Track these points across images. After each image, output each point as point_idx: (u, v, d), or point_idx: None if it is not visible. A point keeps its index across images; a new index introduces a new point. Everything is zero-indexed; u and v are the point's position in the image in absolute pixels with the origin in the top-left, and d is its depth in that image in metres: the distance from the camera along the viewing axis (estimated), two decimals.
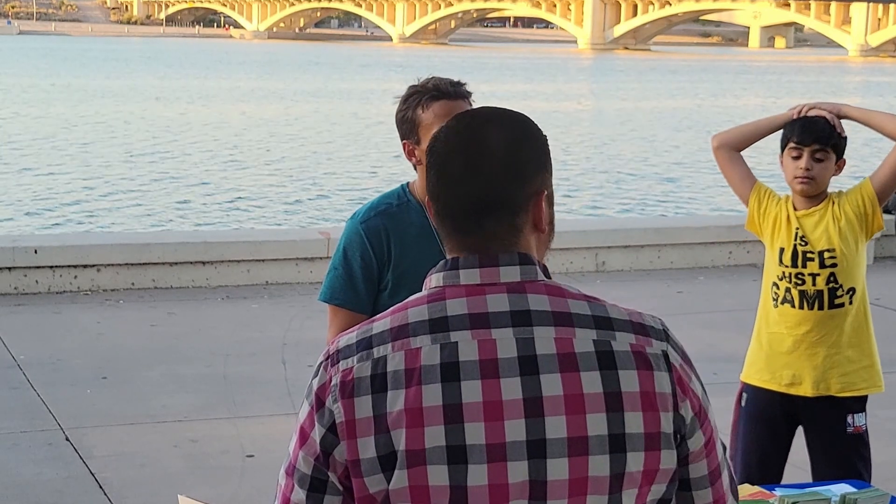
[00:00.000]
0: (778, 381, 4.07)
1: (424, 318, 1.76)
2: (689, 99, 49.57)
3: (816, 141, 3.97)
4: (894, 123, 4.08)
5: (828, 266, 4.01)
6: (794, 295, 4.04)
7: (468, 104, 3.27)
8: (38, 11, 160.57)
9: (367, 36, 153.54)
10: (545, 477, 1.71)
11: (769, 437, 4.13)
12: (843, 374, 4.02)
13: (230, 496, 5.28)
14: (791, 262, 4.05)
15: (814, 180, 3.99)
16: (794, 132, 4.01)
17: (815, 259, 4.02)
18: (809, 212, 4.05)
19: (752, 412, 4.15)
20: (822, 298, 4.02)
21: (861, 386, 4.07)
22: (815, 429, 4.11)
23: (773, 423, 4.13)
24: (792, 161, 4.01)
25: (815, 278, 4.02)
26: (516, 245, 1.79)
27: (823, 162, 3.99)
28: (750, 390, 4.15)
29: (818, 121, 4.00)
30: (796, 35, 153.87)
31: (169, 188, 20.84)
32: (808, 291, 4.03)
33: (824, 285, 4.02)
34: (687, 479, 1.82)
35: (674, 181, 23.59)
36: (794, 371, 4.02)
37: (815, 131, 3.98)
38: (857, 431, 4.07)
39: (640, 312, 1.82)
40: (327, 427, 1.74)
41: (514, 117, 1.86)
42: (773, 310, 4.11)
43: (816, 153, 3.97)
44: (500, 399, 1.71)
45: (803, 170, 3.97)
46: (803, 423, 4.13)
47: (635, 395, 1.74)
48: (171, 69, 66.17)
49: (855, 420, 4.07)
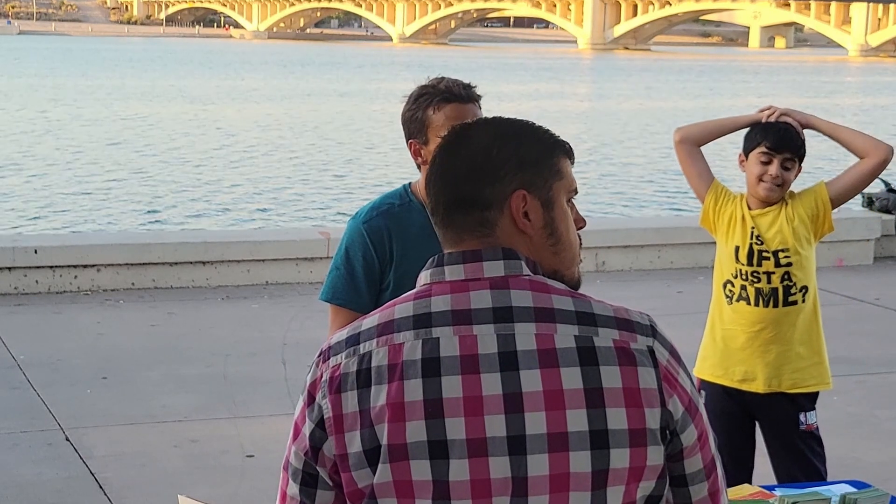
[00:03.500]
0: (730, 377, 4.15)
1: (409, 315, 1.79)
2: (689, 99, 49.57)
3: (789, 150, 4.05)
4: (860, 140, 4.16)
5: (783, 265, 4.08)
6: (749, 293, 4.11)
7: (478, 107, 3.27)
8: (38, 11, 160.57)
9: (367, 36, 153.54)
10: (526, 473, 1.72)
11: (731, 431, 4.18)
12: (794, 370, 4.09)
13: (230, 496, 5.28)
14: (747, 260, 4.11)
15: (781, 187, 4.07)
16: (768, 138, 4.06)
17: (770, 258, 4.09)
18: (764, 211, 4.12)
19: (712, 408, 4.17)
20: (776, 296, 4.09)
21: (811, 383, 4.14)
22: (769, 425, 4.19)
23: (732, 417, 4.19)
24: (760, 165, 4.07)
25: (770, 276, 4.09)
26: (492, 237, 1.83)
27: (791, 170, 4.08)
28: (706, 386, 4.20)
29: (791, 130, 4.07)
30: (796, 35, 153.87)
31: (169, 188, 20.84)
32: (763, 289, 4.09)
33: (779, 283, 4.09)
34: (683, 474, 1.83)
35: (674, 181, 23.56)
36: (747, 367, 4.10)
37: (789, 140, 4.05)
38: (809, 430, 4.15)
39: (627, 309, 1.83)
40: (316, 422, 1.79)
41: (504, 122, 1.91)
42: (726, 307, 4.17)
43: (786, 161, 4.05)
44: (481, 394, 1.73)
45: (772, 177, 4.04)
46: (758, 418, 4.21)
47: (618, 390, 1.75)
48: (169, 69, 66.16)
49: (807, 418, 4.15)
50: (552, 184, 1.86)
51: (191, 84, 52.81)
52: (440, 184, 1.87)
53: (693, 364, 4.14)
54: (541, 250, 1.85)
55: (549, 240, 1.86)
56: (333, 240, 9.05)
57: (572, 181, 1.90)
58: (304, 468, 1.81)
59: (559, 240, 1.87)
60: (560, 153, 1.89)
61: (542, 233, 1.85)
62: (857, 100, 51.00)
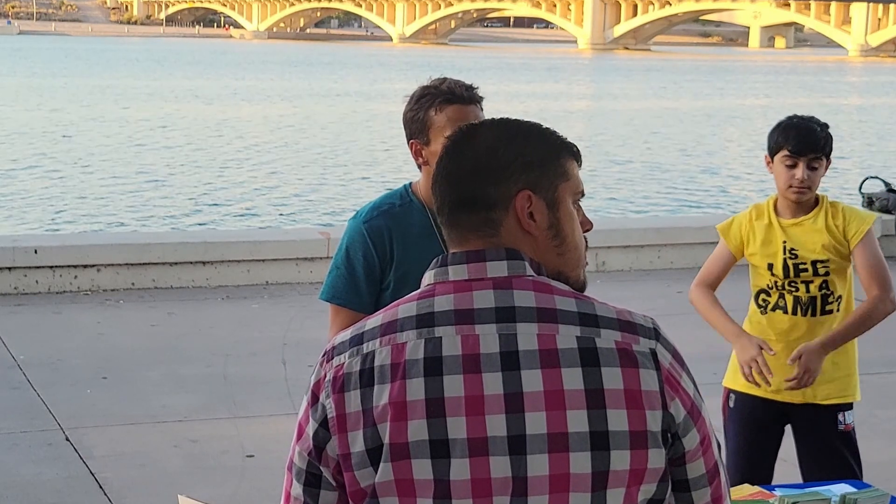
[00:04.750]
0: (764, 387, 4.03)
1: (412, 314, 1.79)
2: (689, 99, 49.56)
3: (813, 151, 3.93)
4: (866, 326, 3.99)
5: (821, 274, 3.99)
6: (787, 301, 4.03)
7: (479, 108, 3.26)
8: (38, 11, 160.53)
9: (367, 36, 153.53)
10: (526, 473, 1.72)
11: (759, 438, 4.13)
12: (828, 381, 4.00)
13: (230, 496, 5.28)
14: (783, 273, 4.02)
15: (810, 189, 3.97)
16: (790, 141, 3.93)
17: (808, 269, 3.99)
18: (797, 221, 4.01)
19: (741, 414, 4.15)
20: (815, 305, 4.01)
21: (846, 393, 4.08)
22: (805, 431, 4.11)
23: (762, 424, 4.13)
24: (786, 170, 3.95)
25: (808, 285, 4.00)
26: (497, 238, 1.83)
27: (818, 169, 3.96)
28: (737, 394, 4.14)
29: (812, 129, 3.95)
30: (796, 35, 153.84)
31: (169, 188, 20.83)
32: (801, 298, 4.02)
33: (818, 292, 4.01)
34: (685, 478, 1.83)
35: (674, 181, 23.58)
36: (783, 377, 3.95)
37: (812, 141, 3.93)
38: (847, 430, 4.09)
39: (630, 311, 1.83)
40: (319, 422, 1.79)
41: (510, 123, 1.91)
42: (761, 317, 4.10)
43: (812, 161, 3.93)
44: (482, 394, 1.73)
45: (800, 181, 3.93)
46: (793, 424, 4.14)
47: (619, 392, 1.74)
48: (168, 69, 66.14)
49: (846, 418, 4.08)
50: (558, 185, 1.86)
51: (191, 84, 52.79)
52: (445, 183, 1.87)
53: (695, 365, 4.12)
54: (545, 251, 1.86)
55: (554, 241, 1.86)
56: (333, 240, 9.04)
57: (579, 183, 1.90)
58: (307, 468, 1.81)
59: (564, 241, 1.87)
60: (567, 155, 1.89)
61: (547, 234, 1.85)
62: (858, 100, 50.99)
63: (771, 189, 4.26)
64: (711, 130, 34.98)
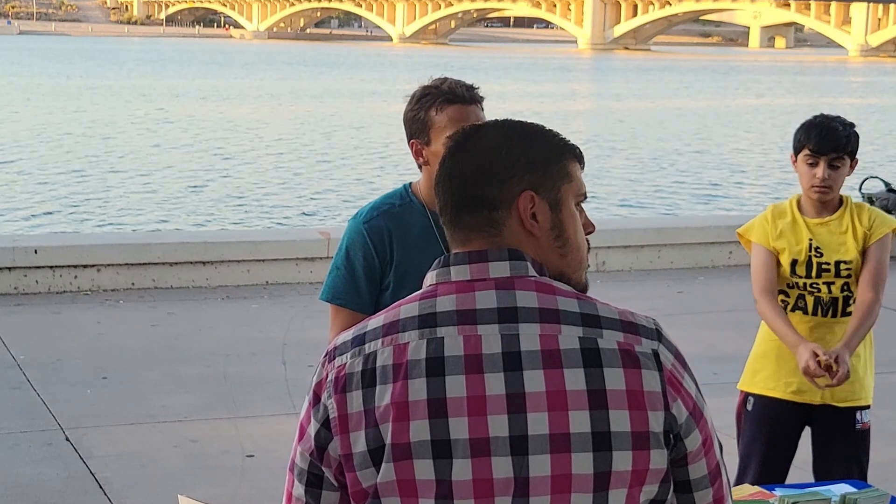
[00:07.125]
0: (784, 389, 4.04)
1: (414, 315, 1.79)
2: (689, 99, 49.56)
3: (834, 150, 3.90)
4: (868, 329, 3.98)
5: (843, 276, 3.98)
6: (807, 301, 4.01)
7: (480, 109, 3.25)
8: (38, 11, 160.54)
9: (367, 36, 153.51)
10: (527, 473, 1.72)
11: (776, 440, 4.11)
12: (847, 382, 3.96)
13: (230, 496, 5.28)
14: (805, 272, 4.00)
15: (831, 189, 3.95)
16: (811, 140, 3.91)
17: (830, 269, 3.98)
18: (824, 221, 4.00)
19: (760, 416, 4.13)
20: (836, 306, 4.00)
21: (861, 395, 4.08)
22: (824, 429, 4.10)
23: (781, 426, 4.11)
24: (808, 168, 3.93)
25: (830, 286, 3.99)
26: (499, 238, 1.83)
27: (840, 168, 3.93)
28: (756, 396, 4.13)
29: (834, 127, 3.93)
30: (796, 35, 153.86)
31: (169, 188, 20.83)
32: (823, 298, 4.00)
33: (839, 293, 3.99)
34: (687, 479, 1.83)
35: (675, 181, 23.58)
36: (802, 378, 3.93)
37: (833, 140, 3.90)
38: (864, 427, 4.09)
39: (633, 312, 1.83)
40: (321, 422, 1.79)
41: (514, 124, 1.92)
42: None
43: (834, 161, 3.91)
44: (484, 394, 1.73)
45: (820, 180, 3.91)
46: (812, 424, 4.13)
47: (621, 393, 1.74)
48: (169, 69, 66.15)
49: (863, 416, 4.09)
50: (561, 186, 1.86)
51: (190, 85, 52.77)
52: (448, 184, 1.87)
53: (695, 365, 4.12)
54: (548, 252, 1.86)
55: (557, 242, 1.86)
56: (333, 240, 9.04)
57: (581, 185, 1.90)
58: (309, 469, 1.81)
59: (566, 242, 1.87)
60: (569, 156, 1.90)
61: (550, 234, 1.85)
62: (858, 100, 50.98)
63: (771, 189, 4.26)
64: (712, 130, 35.00)
